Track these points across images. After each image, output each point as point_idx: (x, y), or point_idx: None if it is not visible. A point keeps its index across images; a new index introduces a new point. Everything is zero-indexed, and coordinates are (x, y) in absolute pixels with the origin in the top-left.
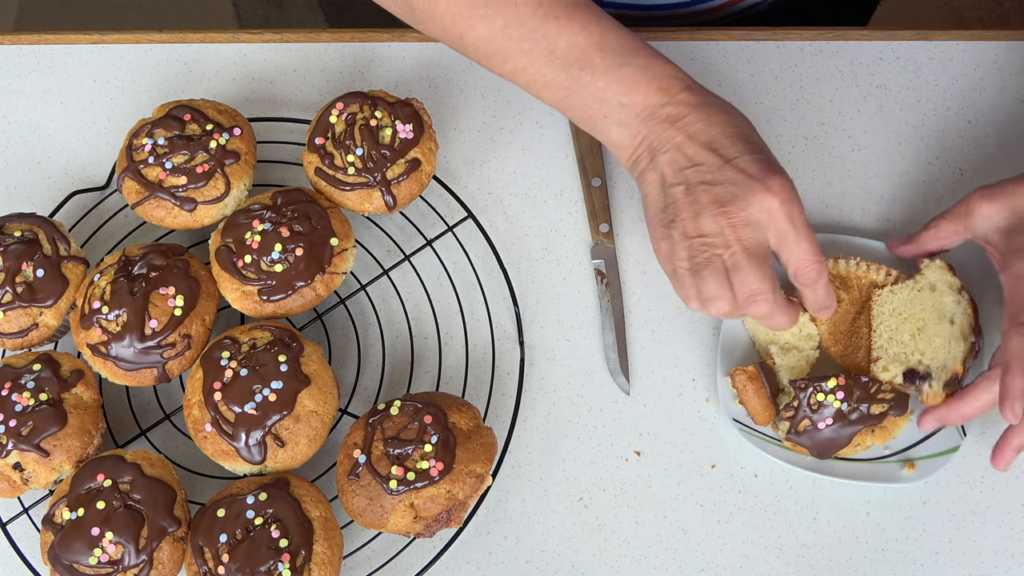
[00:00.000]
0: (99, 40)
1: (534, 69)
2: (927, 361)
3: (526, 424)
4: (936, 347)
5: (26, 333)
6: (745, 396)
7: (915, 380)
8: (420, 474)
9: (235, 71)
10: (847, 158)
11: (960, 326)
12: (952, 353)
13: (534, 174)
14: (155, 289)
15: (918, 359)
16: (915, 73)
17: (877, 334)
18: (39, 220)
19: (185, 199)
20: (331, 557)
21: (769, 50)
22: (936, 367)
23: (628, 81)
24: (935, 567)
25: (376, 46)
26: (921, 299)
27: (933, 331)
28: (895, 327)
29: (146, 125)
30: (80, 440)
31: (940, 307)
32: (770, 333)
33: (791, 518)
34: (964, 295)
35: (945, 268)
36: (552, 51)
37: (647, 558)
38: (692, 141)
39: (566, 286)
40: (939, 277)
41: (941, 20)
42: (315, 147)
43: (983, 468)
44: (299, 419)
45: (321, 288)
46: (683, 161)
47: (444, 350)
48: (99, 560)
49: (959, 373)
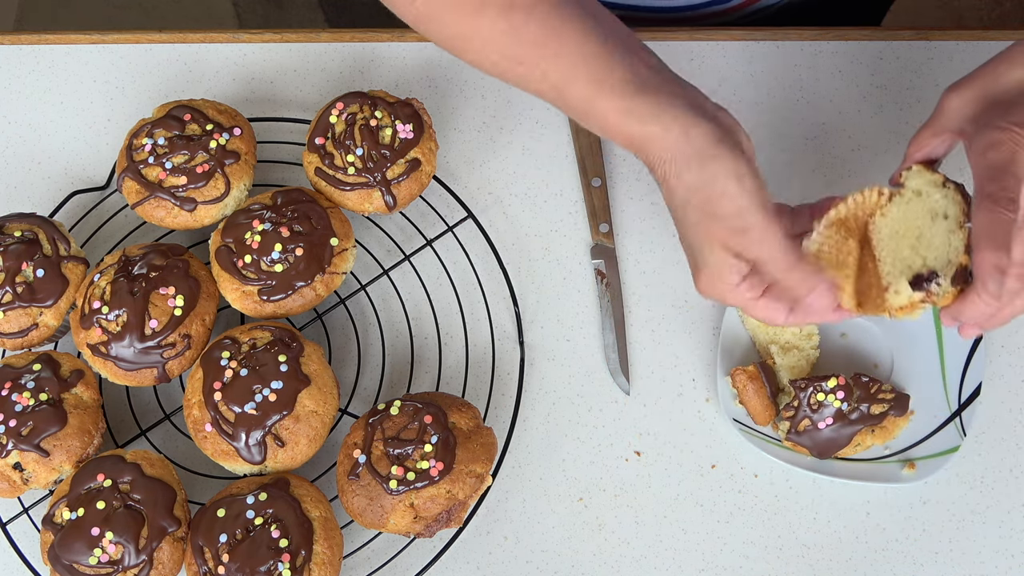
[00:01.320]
0: (99, 40)
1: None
2: (931, 263)
3: (526, 424)
4: (936, 247)
5: (26, 333)
6: (745, 396)
7: (922, 284)
8: (420, 474)
9: (235, 71)
10: (847, 158)
11: (954, 216)
12: (953, 245)
13: (534, 174)
14: (155, 289)
15: (922, 264)
16: (915, 73)
17: (882, 262)
18: (39, 220)
19: (185, 199)
20: (331, 557)
21: (769, 50)
22: (940, 265)
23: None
24: (935, 567)
25: (376, 46)
26: (912, 208)
27: (931, 233)
28: (895, 247)
29: (146, 125)
30: (80, 440)
31: (932, 208)
32: (770, 333)
33: (791, 518)
34: (948, 186)
35: (923, 168)
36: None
37: (647, 558)
38: None
39: (566, 286)
40: (921, 180)
41: (941, 20)
42: (315, 147)
43: (983, 468)
44: (299, 419)
45: (321, 288)
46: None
47: (444, 350)
48: (99, 560)
49: (965, 263)
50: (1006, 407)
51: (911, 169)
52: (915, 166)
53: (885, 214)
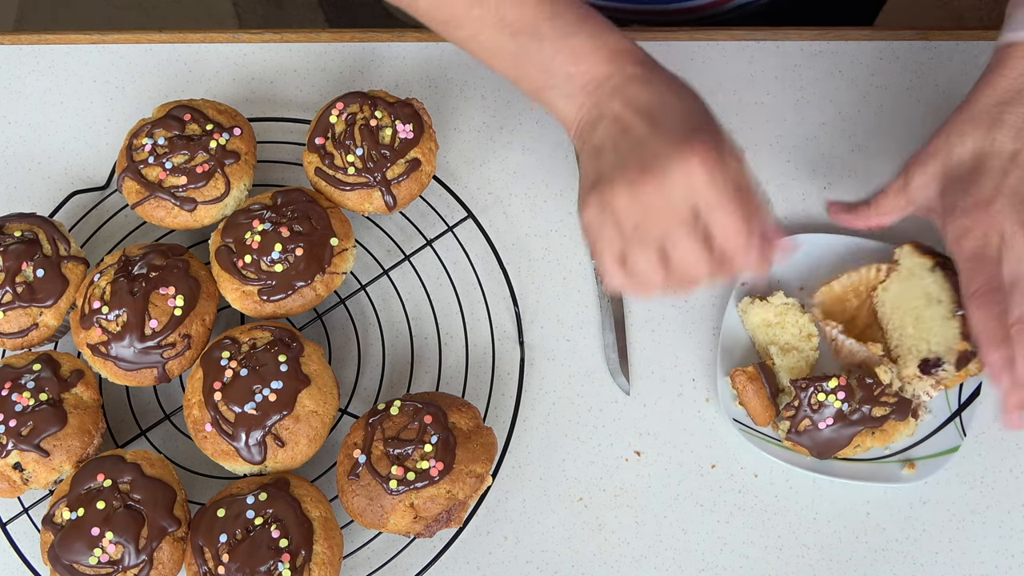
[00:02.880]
0: (99, 40)
1: (484, 36)
2: (934, 347)
3: (526, 424)
4: (935, 331)
5: (26, 333)
6: (745, 397)
7: (930, 369)
8: (420, 474)
9: (235, 71)
10: (847, 158)
11: (946, 303)
12: (950, 333)
13: (534, 174)
14: (155, 289)
15: (926, 347)
16: (915, 73)
17: (889, 334)
18: (39, 220)
19: (185, 199)
20: (331, 557)
21: (769, 50)
22: (943, 351)
23: (576, 51)
24: (935, 567)
25: (376, 46)
26: (910, 287)
27: (928, 316)
28: (899, 322)
29: (146, 125)
30: (80, 440)
31: (926, 290)
32: (770, 333)
33: (791, 518)
34: (937, 272)
35: (913, 250)
36: (502, 19)
37: (647, 558)
38: (629, 108)
39: (566, 286)
40: (912, 262)
41: (941, 20)
42: (315, 147)
43: (983, 468)
44: (299, 419)
45: (321, 288)
46: (618, 130)
47: (444, 350)
48: (99, 560)
49: (966, 348)
50: None
51: (903, 248)
52: (906, 246)
53: (887, 288)
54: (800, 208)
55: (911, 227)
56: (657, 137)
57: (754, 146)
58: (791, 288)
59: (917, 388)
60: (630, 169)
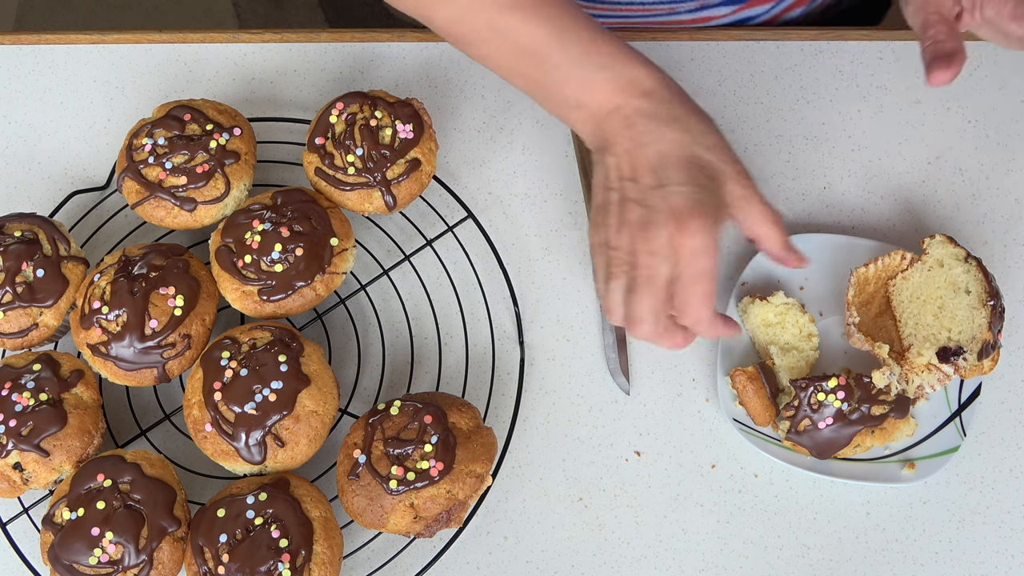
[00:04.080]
0: (99, 40)
1: (499, 57)
2: (955, 336)
3: (526, 424)
4: (960, 320)
5: (26, 333)
6: (745, 397)
7: (949, 357)
8: (420, 474)
9: (235, 71)
10: (847, 158)
11: (976, 294)
12: (976, 322)
13: (534, 174)
14: (155, 289)
15: (947, 336)
16: (915, 73)
17: (902, 323)
18: (39, 220)
19: (185, 199)
20: (331, 557)
21: (769, 50)
22: (965, 340)
23: (585, 82)
24: (935, 567)
25: (376, 46)
26: (934, 277)
27: (953, 306)
28: (917, 311)
29: (146, 125)
30: (80, 440)
31: (953, 280)
32: (770, 333)
33: (791, 518)
34: (971, 263)
35: (946, 241)
36: (515, 42)
37: (647, 558)
38: (637, 153)
39: (566, 286)
40: (944, 251)
41: None
42: (315, 147)
43: (983, 468)
44: (299, 419)
45: (321, 288)
46: (626, 171)
47: (444, 350)
48: (99, 560)
49: (989, 340)
50: (1006, 407)
51: (934, 238)
52: (939, 236)
53: (907, 278)
54: (800, 208)
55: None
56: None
57: (754, 146)
58: (791, 288)
59: (924, 380)
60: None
